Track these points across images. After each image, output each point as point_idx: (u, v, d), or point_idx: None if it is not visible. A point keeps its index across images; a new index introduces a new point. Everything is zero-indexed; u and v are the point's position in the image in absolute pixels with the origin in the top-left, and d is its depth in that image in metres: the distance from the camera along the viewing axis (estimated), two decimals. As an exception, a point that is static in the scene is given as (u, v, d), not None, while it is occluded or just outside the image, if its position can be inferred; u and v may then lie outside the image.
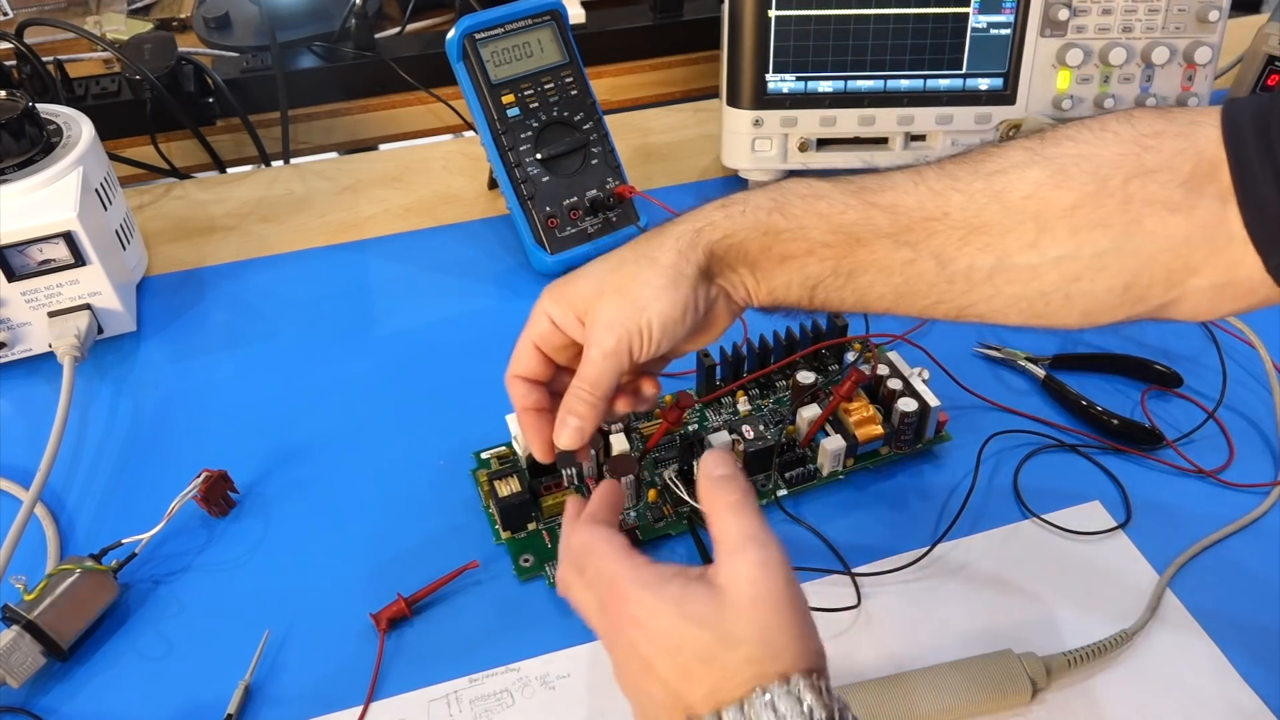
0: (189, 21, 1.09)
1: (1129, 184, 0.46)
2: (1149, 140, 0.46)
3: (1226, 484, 0.66)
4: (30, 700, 0.55)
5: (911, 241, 0.48)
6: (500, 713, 0.54)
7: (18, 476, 0.66)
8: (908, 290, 0.50)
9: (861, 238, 0.49)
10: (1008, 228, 0.47)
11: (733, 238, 0.50)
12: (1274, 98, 0.45)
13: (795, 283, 0.51)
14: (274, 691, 0.55)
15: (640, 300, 0.48)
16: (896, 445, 0.67)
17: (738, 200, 0.50)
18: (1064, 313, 0.49)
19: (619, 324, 0.48)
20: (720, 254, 0.50)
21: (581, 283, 0.50)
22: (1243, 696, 0.55)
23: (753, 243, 0.50)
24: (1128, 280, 0.47)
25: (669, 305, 0.48)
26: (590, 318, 0.49)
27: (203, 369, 0.75)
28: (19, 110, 0.70)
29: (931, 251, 0.48)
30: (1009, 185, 0.47)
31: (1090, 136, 0.47)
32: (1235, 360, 0.74)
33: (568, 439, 0.51)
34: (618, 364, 0.49)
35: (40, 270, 0.69)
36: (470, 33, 0.78)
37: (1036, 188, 0.47)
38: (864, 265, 0.49)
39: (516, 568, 0.60)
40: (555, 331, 0.51)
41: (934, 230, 0.48)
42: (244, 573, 0.61)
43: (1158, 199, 0.45)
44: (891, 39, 0.82)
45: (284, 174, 0.96)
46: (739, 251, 0.50)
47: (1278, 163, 0.43)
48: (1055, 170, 0.47)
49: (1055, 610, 0.59)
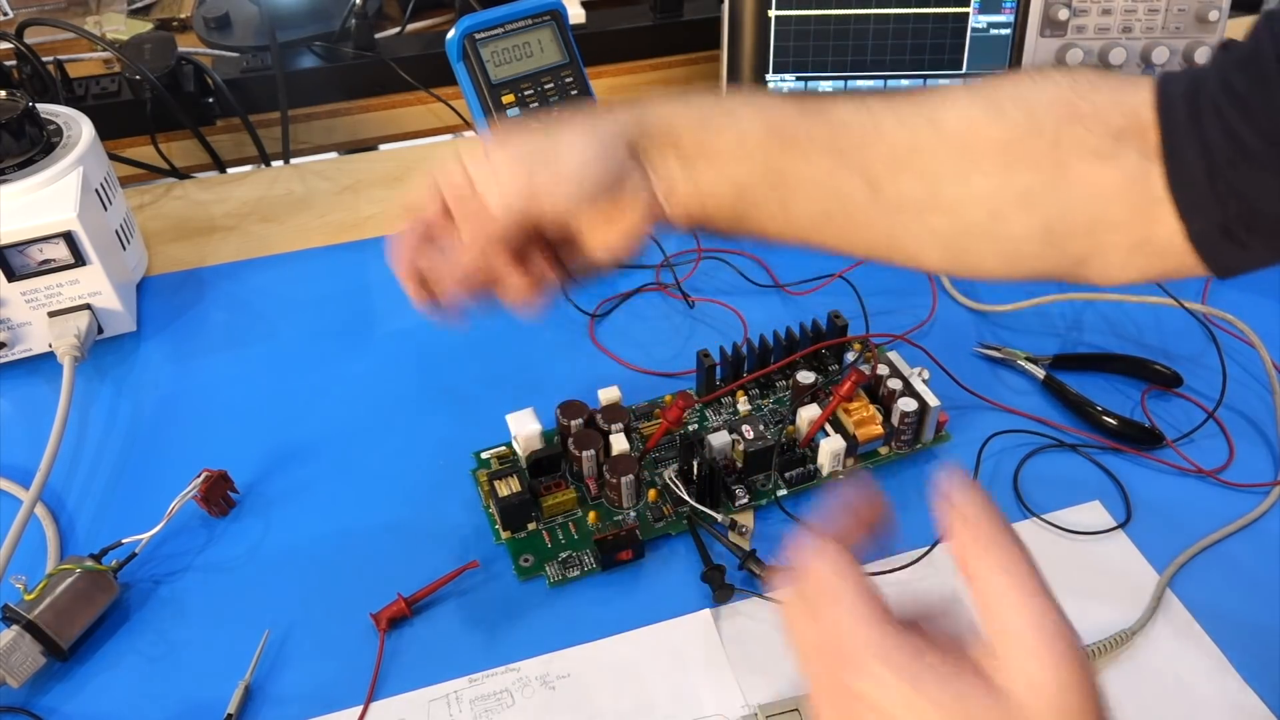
0: (189, 21, 1.09)
1: (1061, 128, 0.46)
2: (1086, 90, 0.47)
3: (1226, 484, 0.66)
4: (30, 700, 0.55)
5: (844, 151, 0.48)
6: (500, 713, 0.54)
7: (18, 476, 0.66)
8: (837, 211, 0.49)
9: (796, 140, 0.48)
10: (939, 156, 0.48)
11: (668, 118, 0.48)
12: (1206, 70, 0.46)
13: (723, 183, 0.49)
14: (274, 691, 0.55)
15: (556, 139, 0.46)
16: (896, 445, 0.67)
17: (679, 93, 0.50)
18: (983, 254, 0.49)
19: (522, 168, 0.46)
20: (651, 130, 0.48)
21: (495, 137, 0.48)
22: (1243, 696, 0.55)
23: (687, 130, 0.48)
24: (1049, 223, 0.47)
25: (581, 152, 0.46)
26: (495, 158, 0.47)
27: (203, 369, 0.75)
28: (19, 110, 0.70)
29: (862, 168, 0.48)
30: (945, 115, 0.48)
31: (1030, 82, 0.48)
32: (1235, 360, 0.74)
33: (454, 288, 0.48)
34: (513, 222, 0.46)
35: (40, 270, 0.69)
36: (470, 33, 0.78)
37: (971, 121, 0.48)
38: (795, 173, 0.48)
39: (516, 568, 0.60)
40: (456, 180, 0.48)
41: (867, 144, 0.48)
42: (244, 573, 0.61)
43: (1087, 146, 0.46)
44: (891, 39, 0.83)
45: (284, 174, 0.96)
46: (671, 134, 0.48)
47: (1204, 132, 0.44)
48: (991, 106, 0.48)
49: (1055, 610, 0.59)
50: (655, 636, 0.58)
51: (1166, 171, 0.45)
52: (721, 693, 0.55)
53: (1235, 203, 0.44)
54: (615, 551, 0.60)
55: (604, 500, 0.64)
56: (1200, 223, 0.45)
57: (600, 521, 0.63)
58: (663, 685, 0.55)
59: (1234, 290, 0.80)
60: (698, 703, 0.54)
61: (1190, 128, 0.44)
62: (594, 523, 0.62)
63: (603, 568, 0.60)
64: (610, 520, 0.63)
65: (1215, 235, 0.45)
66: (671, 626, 0.58)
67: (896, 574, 0.60)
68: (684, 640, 0.57)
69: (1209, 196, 0.44)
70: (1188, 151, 0.44)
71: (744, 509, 0.63)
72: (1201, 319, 0.77)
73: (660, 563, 0.61)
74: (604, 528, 0.62)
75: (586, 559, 0.61)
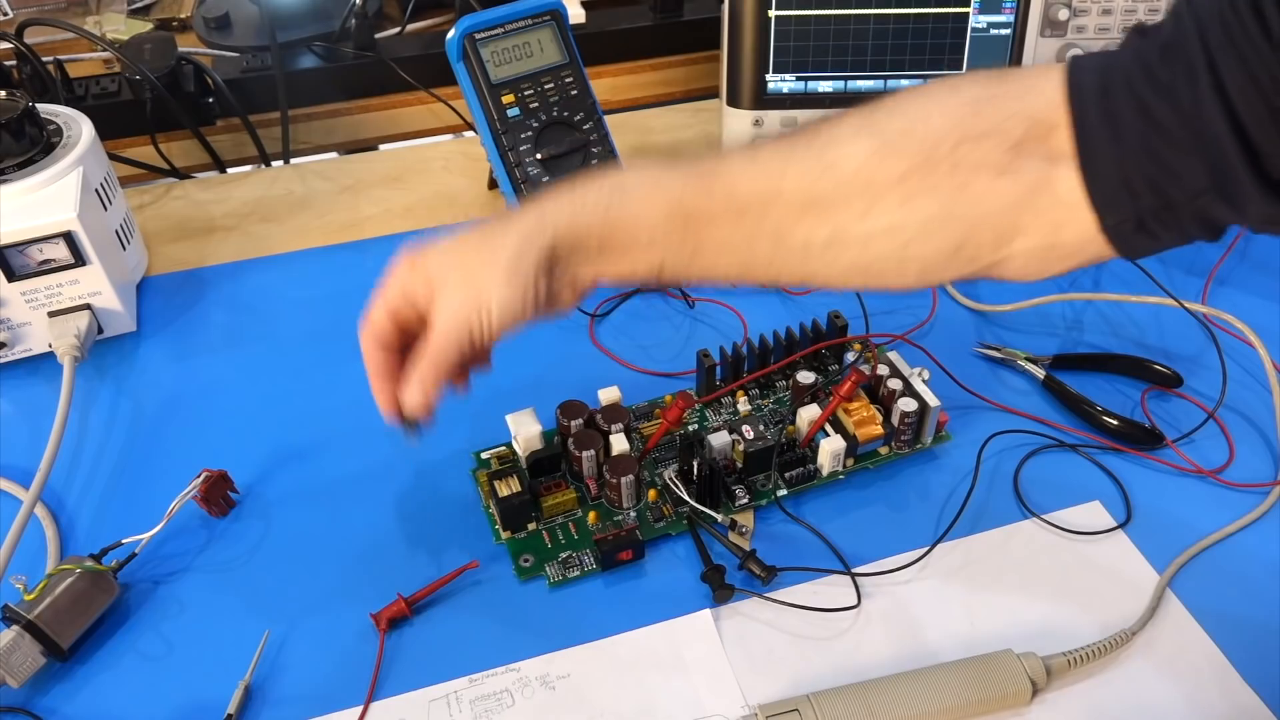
0: (189, 21, 1.09)
1: (956, 150, 0.47)
2: (980, 105, 0.47)
3: (1226, 484, 0.66)
4: (30, 700, 0.55)
5: (749, 220, 0.50)
6: (500, 713, 0.54)
7: (18, 476, 0.66)
8: (751, 262, 0.51)
9: (700, 220, 0.50)
10: (840, 200, 0.49)
11: (574, 230, 0.51)
12: (1116, 56, 0.46)
13: (640, 265, 0.52)
14: (274, 691, 0.55)
15: (482, 288, 0.50)
16: (896, 445, 0.67)
17: (580, 192, 0.52)
18: (898, 275, 0.50)
19: (461, 310, 0.51)
20: (561, 248, 0.51)
21: (434, 258, 0.52)
22: (1243, 696, 0.55)
23: (591, 237, 0.51)
24: (958, 243, 0.48)
25: (508, 295, 0.50)
26: (437, 297, 0.52)
27: (203, 369, 0.75)
28: (19, 110, 0.70)
29: (767, 230, 0.50)
30: (839, 159, 0.49)
31: (918, 108, 0.49)
32: (1235, 360, 0.74)
33: (412, 407, 0.54)
34: (459, 346, 0.51)
35: (40, 270, 0.69)
36: (470, 33, 0.78)
37: (866, 160, 0.48)
38: (705, 245, 0.51)
39: (516, 568, 0.60)
40: (405, 303, 0.53)
41: (769, 208, 0.50)
42: (244, 573, 0.61)
43: (985, 163, 0.47)
44: (891, 39, 0.83)
45: (284, 174, 0.96)
46: (580, 246, 0.51)
47: (1117, 124, 0.44)
48: (884, 142, 0.48)
49: (1055, 610, 0.59)
50: (655, 636, 0.58)
51: (1081, 169, 0.45)
52: (721, 693, 0.55)
53: (1151, 196, 0.45)
54: (615, 551, 0.60)
55: (604, 500, 0.64)
56: (1115, 218, 0.46)
57: (600, 521, 0.63)
58: (663, 685, 0.55)
59: (1234, 290, 0.80)
60: (698, 703, 0.54)
61: (1104, 123, 0.45)
62: (594, 523, 0.62)
63: (603, 568, 0.60)
64: (610, 520, 0.63)
65: (1129, 229, 0.46)
66: (671, 626, 0.58)
67: (896, 574, 0.61)
68: (684, 640, 0.57)
69: (1123, 192, 0.45)
70: (1102, 148, 0.45)
71: (744, 509, 0.63)
72: (1201, 319, 0.77)
73: (660, 563, 0.61)
74: (604, 528, 0.62)
75: (586, 559, 0.61)
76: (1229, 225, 0.46)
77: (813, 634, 0.58)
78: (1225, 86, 0.41)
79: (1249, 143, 0.42)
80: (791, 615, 0.58)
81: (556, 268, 0.52)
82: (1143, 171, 0.44)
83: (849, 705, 0.52)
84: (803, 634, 0.58)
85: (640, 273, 0.53)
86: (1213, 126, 0.42)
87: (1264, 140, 0.41)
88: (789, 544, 0.62)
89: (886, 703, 0.53)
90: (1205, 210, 0.45)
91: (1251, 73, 0.40)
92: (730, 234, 0.50)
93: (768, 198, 0.50)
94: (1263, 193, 0.42)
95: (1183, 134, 0.43)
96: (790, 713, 0.52)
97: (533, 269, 0.50)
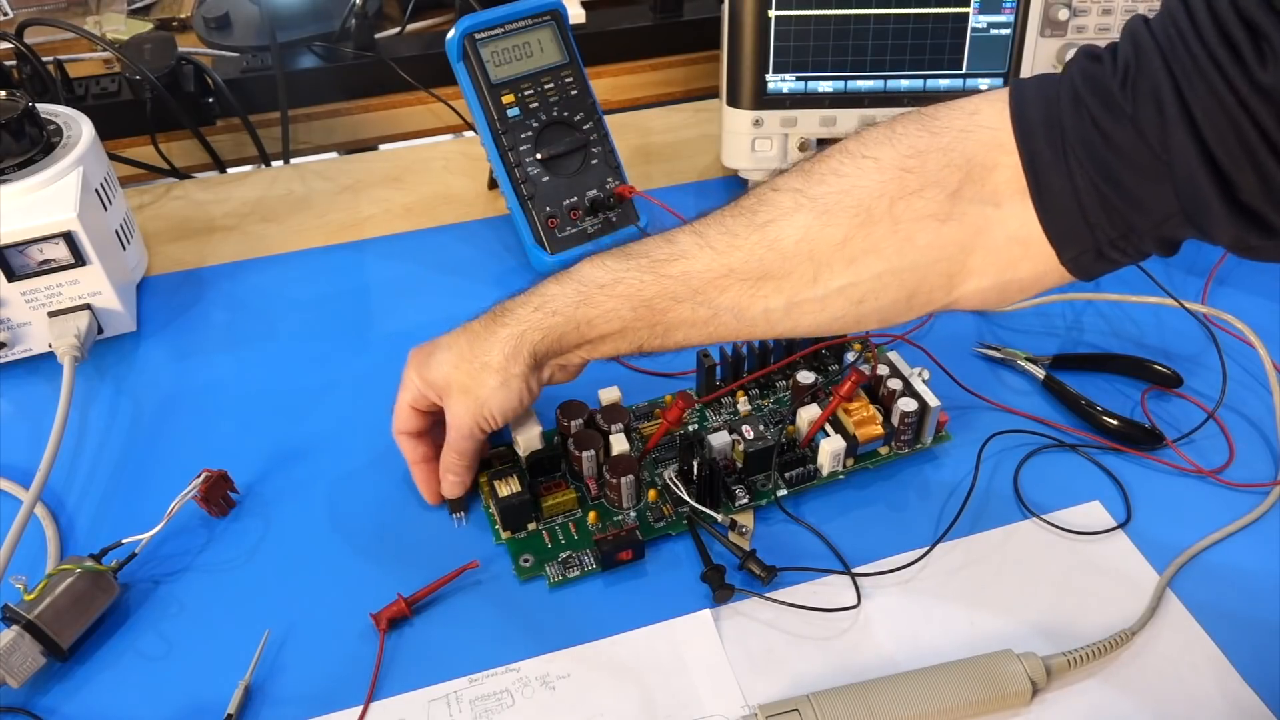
0: (189, 21, 1.09)
1: (895, 206, 0.48)
2: (911, 161, 0.48)
3: (1226, 484, 0.66)
4: (30, 700, 0.55)
5: (707, 301, 0.53)
6: (500, 713, 0.54)
7: (18, 476, 0.66)
8: (719, 335, 0.56)
9: (665, 308, 0.54)
10: (788, 271, 0.51)
11: (550, 335, 0.56)
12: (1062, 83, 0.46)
13: (621, 348, 0.57)
14: (274, 691, 0.55)
15: (481, 398, 0.58)
16: (896, 445, 0.67)
17: (549, 298, 0.57)
18: (859, 325, 0.53)
19: (467, 416, 0.59)
20: (543, 351, 0.57)
21: (435, 370, 0.59)
22: (1243, 696, 0.55)
23: (569, 337, 0.57)
24: (910, 291, 0.50)
25: (504, 399, 0.58)
26: (445, 402, 0.59)
27: (203, 369, 0.75)
28: (19, 110, 0.70)
29: (727, 306, 0.53)
30: (781, 234, 0.51)
31: (852, 168, 0.50)
32: (1235, 360, 0.74)
33: (450, 491, 0.62)
34: (474, 442, 0.60)
35: (40, 270, 0.69)
36: (470, 33, 0.78)
37: (806, 231, 0.50)
38: (673, 326, 0.55)
39: (516, 568, 0.60)
40: (422, 402, 0.61)
41: (724, 288, 0.53)
42: (244, 573, 0.61)
43: (926, 213, 0.48)
44: (891, 39, 0.82)
45: (284, 174, 0.96)
46: (559, 345, 0.57)
47: (1070, 155, 0.45)
48: (821, 210, 0.50)
49: (1055, 610, 0.59)
50: (655, 636, 0.58)
51: (1036, 205, 0.46)
52: (721, 693, 0.55)
53: (1110, 227, 0.45)
54: (615, 551, 0.60)
55: (604, 500, 0.64)
56: (1074, 250, 0.47)
57: (600, 521, 0.63)
58: (663, 685, 0.55)
59: (1234, 290, 0.80)
60: (698, 703, 0.54)
61: (1056, 157, 0.45)
62: (594, 523, 0.62)
63: (603, 568, 0.60)
64: (610, 520, 0.63)
65: (1089, 260, 0.47)
66: (671, 626, 0.58)
67: (896, 574, 0.61)
68: (684, 640, 0.57)
69: (1081, 225, 0.45)
70: (1057, 182, 0.45)
71: (744, 509, 0.63)
72: (1201, 319, 0.77)
73: (660, 563, 0.61)
74: (604, 528, 0.62)
75: (586, 559, 0.61)
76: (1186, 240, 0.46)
77: (813, 634, 0.58)
78: (1194, 114, 0.41)
79: (1219, 170, 0.41)
80: (791, 615, 0.58)
81: (543, 366, 0.59)
82: (1102, 201, 0.44)
83: (849, 705, 0.52)
84: (803, 634, 0.58)
85: (623, 351, 0.58)
86: (1183, 154, 0.42)
87: (1234, 169, 0.41)
88: (789, 544, 0.62)
89: (886, 703, 0.53)
90: (1170, 233, 0.45)
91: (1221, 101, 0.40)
92: (693, 313, 0.54)
93: (721, 278, 0.53)
94: (1233, 217, 0.42)
95: (1149, 161, 0.43)
96: (790, 713, 0.52)
97: (520, 374, 0.57)
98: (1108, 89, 0.44)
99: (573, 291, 0.56)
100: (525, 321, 0.57)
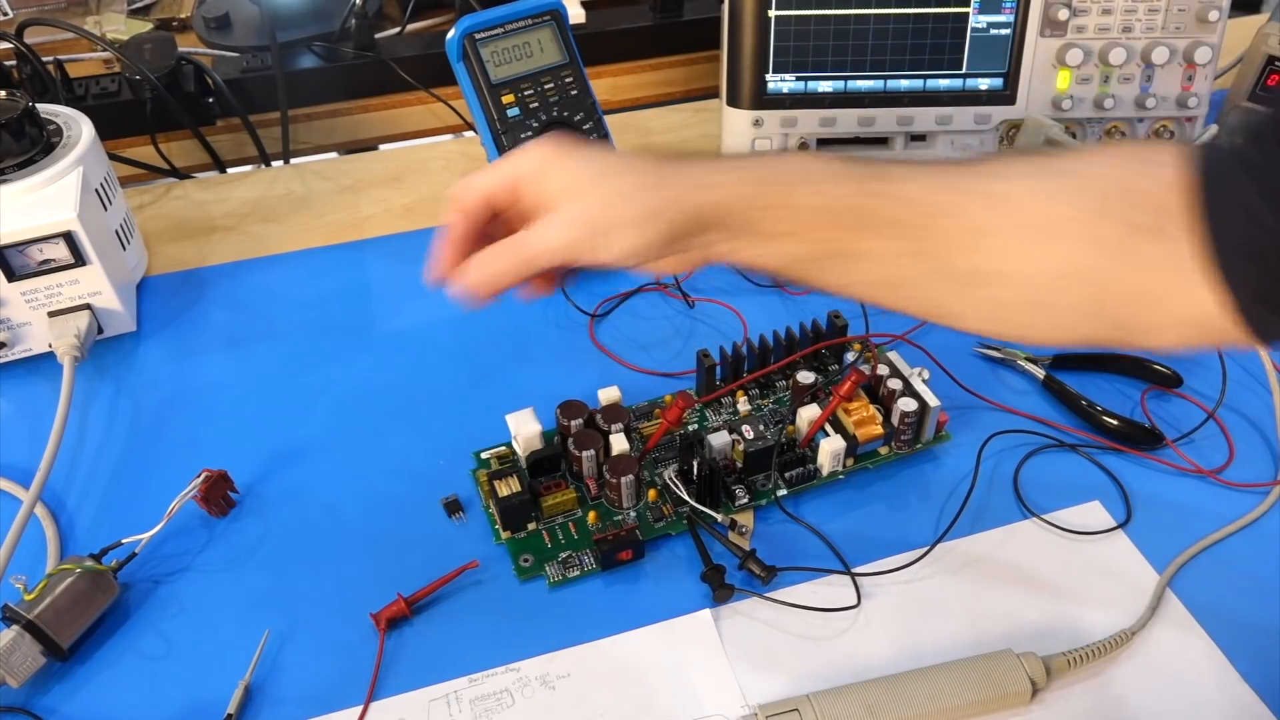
0: (189, 21, 1.09)
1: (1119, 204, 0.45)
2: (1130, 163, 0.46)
3: (1226, 484, 0.66)
4: (30, 700, 0.55)
5: (917, 235, 0.47)
6: (500, 713, 0.54)
7: (18, 476, 0.66)
8: (897, 280, 0.49)
9: (859, 222, 0.48)
10: (1010, 235, 0.47)
11: (720, 205, 0.48)
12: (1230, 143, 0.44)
13: (774, 257, 0.49)
14: (274, 691, 0.55)
15: (607, 225, 0.48)
16: (896, 445, 0.67)
17: (736, 165, 0.50)
18: (1029, 324, 0.48)
19: (577, 234, 0.48)
20: (703, 218, 0.49)
21: (562, 175, 0.49)
22: (1243, 696, 0.55)
23: (737, 215, 0.48)
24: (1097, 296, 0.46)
25: (630, 242, 0.48)
26: (556, 211, 0.49)
27: (203, 369, 0.75)
28: (19, 110, 0.70)
29: (931, 248, 0.47)
30: (1013, 192, 0.47)
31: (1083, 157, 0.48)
32: (1235, 360, 0.74)
33: (470, 284, 0.51)
34: (553, 263, 0.49)
35: (40, 270, 0.69)
36: (470, 33, 0.78)
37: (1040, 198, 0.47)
38: (857, 252, 0.48)
39: (516, 568, 0.60)
40: (507, 193, 0.50)
41: (943, 228, 0.47)
42: (244, 573, 0.61)
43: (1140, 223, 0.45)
44: (891, 39, 0.83)
45: (284, 174, 0.96)
46: (722, 220, 0.49)
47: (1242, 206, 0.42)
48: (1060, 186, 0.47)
49: (1055, 610, 0.59)
50: (655, 636, 0.58)
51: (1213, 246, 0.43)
52: (721, 693, 0.55)
53: None
54: (615, 551, 0.60)
55: (604, 500, 0.64)
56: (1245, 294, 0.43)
57: (600, 521, 0.63)
58: (663, 685, 0.55)
59: (1234, 290, 0.80)
60: (697, 703, 0.54)
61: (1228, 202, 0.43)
62: (594, 523, 0.62)
63: (603, 568, 0.60)
64: (610, 520, 0.63)
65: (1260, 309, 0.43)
66: (671, 626, 0.58)
67: (896, 574, 0.61)
68: (684, 640, 0.57)
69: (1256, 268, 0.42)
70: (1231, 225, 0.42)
71: (744, 509, 0.63)
72: (1201, 319, 0.77)
73: (660, 563, 0.61)
74: (604, 528, 0.62)
75: (586, 559, 0.61)
76: None
77: (813, 634, 0.58)
78: None
79: None
80: (791, 615, 0.58)
81: (687, 238, 0.49)
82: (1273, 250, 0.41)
83: (849, 705, 0.52)
84: (803, 634, 0.58)
85: (772, 263, 0.50)
86: None
87: None
88: (789, 544, 0.62)
89: (886, 703, 0.53)
90: None
91: None
92: (885, 247, 0.47)
93: (937, 216, 0.47)
94: None
95: None
96: (790, 713, 0.52)
97: (667, 228, 0.48)
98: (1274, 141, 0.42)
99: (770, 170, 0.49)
100: (703, 175, 0.49)
